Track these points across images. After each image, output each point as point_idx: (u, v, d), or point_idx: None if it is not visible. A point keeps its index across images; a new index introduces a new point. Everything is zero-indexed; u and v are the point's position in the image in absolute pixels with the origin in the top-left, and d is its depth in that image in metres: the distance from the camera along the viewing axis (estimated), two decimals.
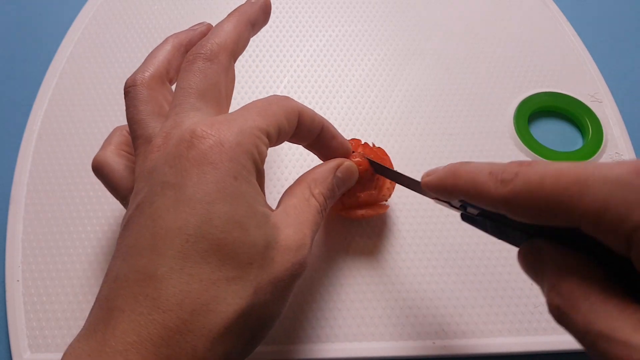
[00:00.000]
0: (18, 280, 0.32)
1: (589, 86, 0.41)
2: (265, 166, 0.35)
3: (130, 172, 0.27)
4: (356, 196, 0.30)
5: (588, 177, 0.16)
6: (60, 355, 0.19)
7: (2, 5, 0.47)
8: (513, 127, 0.38)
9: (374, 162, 0.29)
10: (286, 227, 0.22)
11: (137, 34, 0.44)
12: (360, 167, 0.29)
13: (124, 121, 0.38)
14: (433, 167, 0.26)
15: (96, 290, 0.31)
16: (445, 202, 0.24)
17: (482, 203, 0.20)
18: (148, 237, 0.19)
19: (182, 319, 0.18)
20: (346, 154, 0.28)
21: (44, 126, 0.38)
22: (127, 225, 0.20)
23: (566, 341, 0.30)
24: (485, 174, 0.19)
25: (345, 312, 0.30)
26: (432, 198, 0.25)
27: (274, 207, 0.24)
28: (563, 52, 0.43)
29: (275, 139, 0.23)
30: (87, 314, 0.30)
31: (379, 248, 0.33)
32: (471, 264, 0.32)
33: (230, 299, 0.19)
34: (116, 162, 0.27)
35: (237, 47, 0.24)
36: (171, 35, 0.27)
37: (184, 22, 0.45)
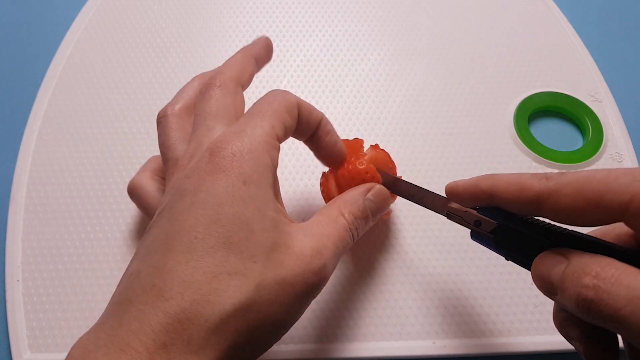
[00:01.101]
0: (18, 280, 0.32)
1: (589, 86, 0.41)
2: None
3: (161, 193, 0.29)
4: None
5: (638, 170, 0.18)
6: (61, 355, 0.19)
7: (2, 5, 0.47)
8: (513, 127, 0.38)
9: (386, 174, 0.29)
10: (304, 236, 0.23)
11: (137, 34, 0.44)
12: (368, 175, 0.29)
13: (123, 120, 0.38)
14: (433, 167, 0.26)
15: (96, 290, 0.31)
16: (458, 217, 0.25)
17: (521, 200, 0.21)
18: (163, 236, 0.20)
19: (182, 307, 0.19)
20: (339, 152, 0.29)
21: (44, 126, 0.38)
22: (148, 230, 0.22)
23: (565, 341, 0.30)
24: (528, 175, 0.21)
25: (345, 312, 0.30)
26: (444, 213, 0.26)
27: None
28: (563, 52, 0.43)
29: (283, 137, 0.24)
30: (87, 314, 0.31)
31: (378, 249, 0.33)
32: (471, 264, 0.32)
33: (230, 292, 0.19)
34: (149, 185, 0.29)
35: (241, 77, 0.27)
36: (198, 75, 0.30)
37: (183, 21, 0.45)
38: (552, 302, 0.31)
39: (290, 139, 0.27)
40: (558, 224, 0.21)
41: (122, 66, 0.42)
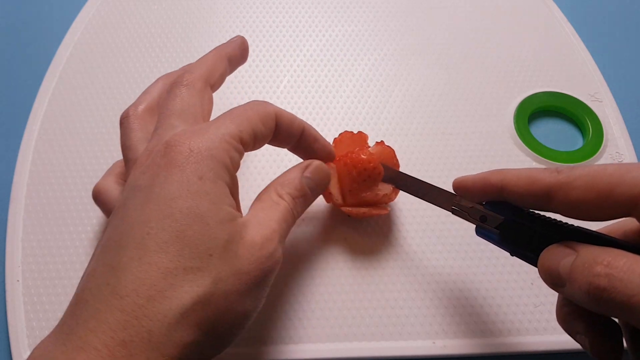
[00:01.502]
0: (18, 280, 0.32)
1: (589, 86, 0.41)
2: (241, 173, 0.35)
3: None
4: (359, 195, 0.30)
5: None
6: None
7: (2, 5, 0.47)
8: (513, 127, 0.38)
9: (389, 168, 0.29)
10: (253, 225, 0.23)
11: (137, 34, 0.44)
12: (370, 165, 0.29)
13: None
14: (433, 167, 0.26)
15: None
16: (464, 212, 0.25)
17: (531, 194, 0.21)
18: (116, 234, 0.20)
19: (138, 304, 0.19)
20: (329, 156, 0.29)
21: (44, 126, 0.38)
22: (104, 230, 0.22)
23: (566, 341, 0.30)
24: (537, 169, 0.21)
25: (344, 311, 0.30)
26: (449, 208, 0.26)
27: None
28: (563, 52, 0.43)
29: (251, 144, 0.24)
30: None
31: (378, 248, 0.33)
32: (471, 264, 0.32)
33: (187, 287, 0.19)
34: (113, 189, 0.29)
35: (211, 76, 0.27)
36: (162, 75, 0.30)
37: (183, 21, 0.45)
38: (553, 302, 0.31)
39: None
40: (565, 220, 0.21)
41: (122, 66, 0.42)
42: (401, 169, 0.31)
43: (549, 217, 0.22)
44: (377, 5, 0.46)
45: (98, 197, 0.29)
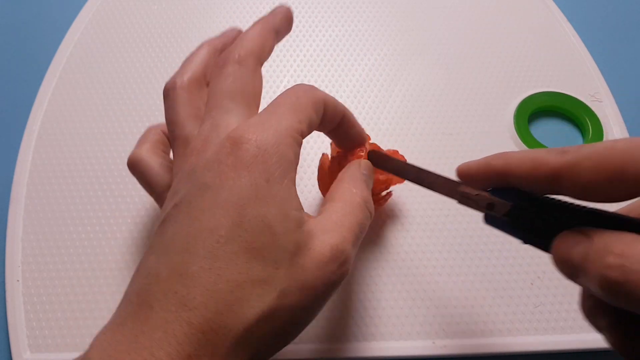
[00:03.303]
0: (18, 280, 0.32)
1: (589, 86, 0.41)
2: None
3: (166, 170, 0.27)
4: None
5: None
6: (61, 355, 0.19)
7: (2, 5, 0.47)
8: (513, 127, 0.38)
9: (394, 159, 0.28)
10: (322, 233, 0.22)
11: (137, 34, 0.44)
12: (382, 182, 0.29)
13: (123, 120, 0.38)
14: (433, 167, 0.25)
15: (97, 290, 0.31)
16: (470, 200, 0.23)
17: (536, 178, 0.19)
18: (183, 236, 0.19)
19: (206, 318, 0.18)
20: (362, 141, 0.28)
21: (44, 126, 0.38)
22: (164, 223, 0.21)
23: (566, 341, 0.30)
24: (543, 150, 0.19)
25: (344, 311, 0.30)
26: (456, 197, 0.24)
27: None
28: (563, 52, 0.43)
29: (307, 133, 0.23)
30: (87, 314, 0.31)
31: (378, 247, 0.33)
32: (471, 264, 0.32)
33: (253, 301, 0.19)
34: (152, 160, 0.27)
35: (262, 52, 0.25)
36: (205, 41, 0.28)
37: (183, 22, 0.45)
38: (553, 302, 0.31)
39: None
40: (578, 202, 0.19)
41: (122, 66, 0.42)
42: None
43: (560, 200, 0.20)
44: (377, 5, 0.46)
45: (136, 166, 0.28)
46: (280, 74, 0.41)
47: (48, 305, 0.31)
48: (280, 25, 0.27)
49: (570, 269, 0.18)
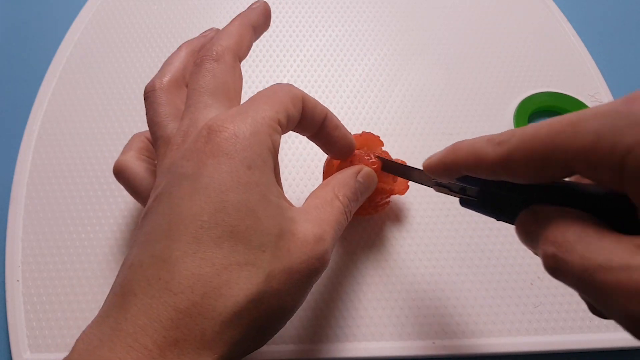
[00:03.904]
0: (18, 280, 0.32)
1: (589, 86, 0.41)
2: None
3: (150, 174, 0.28)
4: None
5: (580, 117, 0.16)
6: (61, 355, 0.19)
7: (2, 5, 0.47)
8: (513, 127, 0.38)
9: (383, 159, 0.29)
10: (305, 221, 0.22)
11: (137, 34, 0.44)
12: (374, 167, 0.29)
13: (123, 120, 0.38)
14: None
15: (97, 290, 0.31)
16: (444, 187, 0.25)
17: (481, 170, 0.20)
18: (164, 224, 0.20)
19: (192, 301, 0.18)
20: (349, 146, 0.28)
21: (44, 126, 0.38)
22: (145, 215, 0.21)
23: (566, 341, 0.30)
24: (484, 142, 0.20)
25: (344, 312, 0.30)
26: (433, 186, 0.26)
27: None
28: (563, 52, 0.43)
29: (285, 127, 0.23)
30: (87, 314, 0.31)
31: (377, 249, 0.33)
32: (471, 264, 0.32)
33: (242, 283, 0.19)
34: (137, 166, 0.28)
35: (240, 48, 0.25)
36: (184, 43, 0.28)
37: (183, 22, 0.45)
38: (552, 302, 0.31)
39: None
40: None
41: (122, 66, 0.42)
42: None
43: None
44: (377, 5, 0.46)
45: (121, 173, 0.28)
46: (280, 74, 0.41)
47: (48, 305, 0.31)
48: (257, 20, 0.27)
49: (532, 248, 0.19)
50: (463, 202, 0.24)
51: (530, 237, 0.19)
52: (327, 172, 0.31)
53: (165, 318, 0.18)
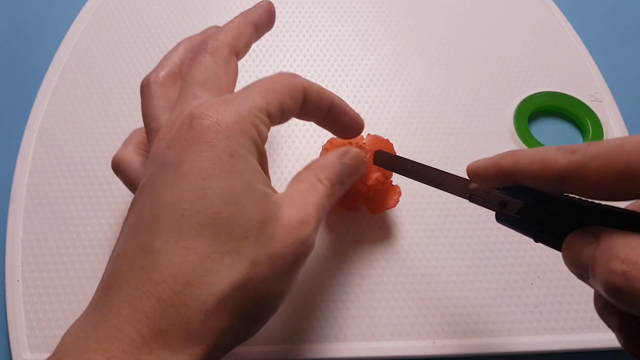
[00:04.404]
0: (18, 280, 0.32)
1: (589, 86, 0.41)
2: (270, 151, 0.35)
3: None
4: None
5: None
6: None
7: (2, 5, 0.47)
8: (513, 127, 0.38)
9: (401, 157, 0.28)
10: (289, 206, 0.22)
11: (137, 34, 0.44)
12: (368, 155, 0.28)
13: (123, 120, 0.38)
14: (433, 166, 0.26)
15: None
16: (480, 199, 0.23)
17: (545, 178, 0.19)
18: (147, 213, 0.19)
19: (175, 290, 0.18)
20: (358, 129, 0.28)
21: (44, 126, 0.38)
22: (130, 206, 0.21)
23: (566, 341, 0.30)
24: (552, 149, 0.19)
25: (345, 311, 0.30)
26: (466, 196, 0.24)
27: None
28: (563, 52, 0.43)
29: (278, 118, 0.23)
30: None
31: (378, 247, 0.33)
32: (471, 264, 0.32)
33: (225, 271, 0.19)
34: (134, 160, 0.28)
35: (237, 43, 0.25)
36: (184, 39, 0.28)
37: (183, 22, 0.45)
38: (553, 302, 0.31)
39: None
40: (590, 200, 0.19)
41: (122, 66, 0.42)
42: None
43: (573, 198, 0.20)
44: (377, 5, 0.46)
45: (118, 167, 0.28)
46: None
47: (48, 305, 0.31)
48: (260, 19, 0.27)
49: (578, 270, 0.18)
50: (500, 217, 0.22)
51: (582, 258, 0.17)
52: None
53: (148, 308, 0.17)
